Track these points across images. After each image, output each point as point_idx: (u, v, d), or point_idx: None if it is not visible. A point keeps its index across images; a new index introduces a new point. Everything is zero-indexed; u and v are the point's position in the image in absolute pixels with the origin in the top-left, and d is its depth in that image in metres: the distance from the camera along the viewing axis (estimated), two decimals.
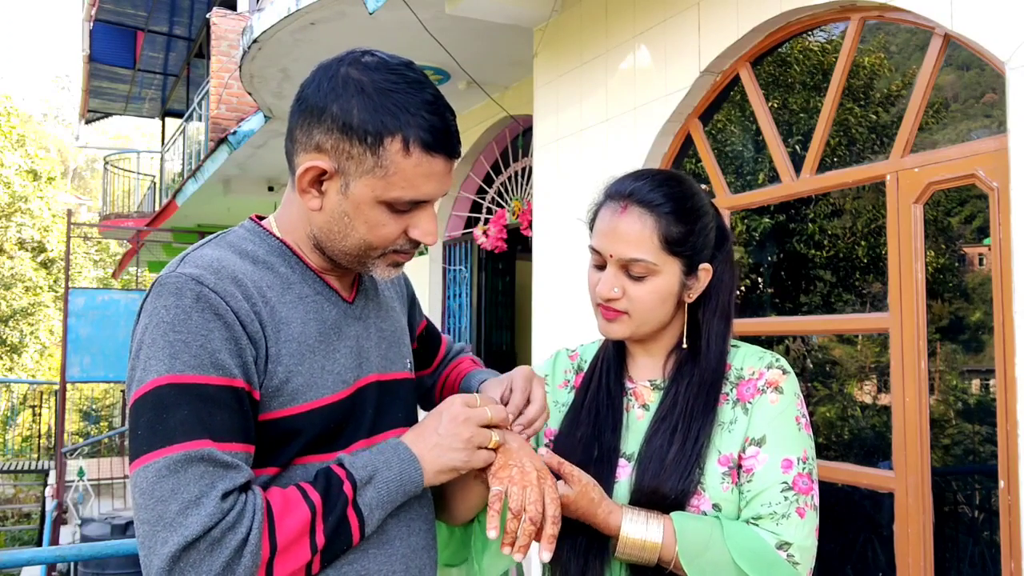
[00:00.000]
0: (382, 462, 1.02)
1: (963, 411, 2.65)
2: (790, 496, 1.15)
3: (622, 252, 1.20)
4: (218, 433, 0.93)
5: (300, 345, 1.03)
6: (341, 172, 1.01)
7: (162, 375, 0.93)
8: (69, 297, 8.59)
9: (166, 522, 0.88)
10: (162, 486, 0.89)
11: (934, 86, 2.47)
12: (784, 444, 1.18)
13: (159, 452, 0.90)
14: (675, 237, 1.20)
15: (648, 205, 1.20)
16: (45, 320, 19.03)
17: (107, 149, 24.23)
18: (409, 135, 0.99)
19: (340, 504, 0.97)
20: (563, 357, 1.43)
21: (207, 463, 0.91)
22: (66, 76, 47.97)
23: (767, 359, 1.26)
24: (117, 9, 11.49)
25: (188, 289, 0.96)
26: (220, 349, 0.94)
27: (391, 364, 1.18)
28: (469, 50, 4.64)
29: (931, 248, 2.52)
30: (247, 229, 1.11)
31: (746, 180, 3.29)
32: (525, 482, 1.06)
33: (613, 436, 1.26)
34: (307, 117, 1.02)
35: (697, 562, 1.12)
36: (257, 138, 7.26)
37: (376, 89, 1.00)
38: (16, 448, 12.83)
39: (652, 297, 1.22)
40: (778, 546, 1.13)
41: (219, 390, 0.94)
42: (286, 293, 1.05)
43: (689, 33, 3.23)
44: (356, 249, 1.06)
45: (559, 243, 3.96)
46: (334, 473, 1.00)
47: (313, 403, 1.03)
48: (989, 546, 2.52)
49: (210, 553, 0.88)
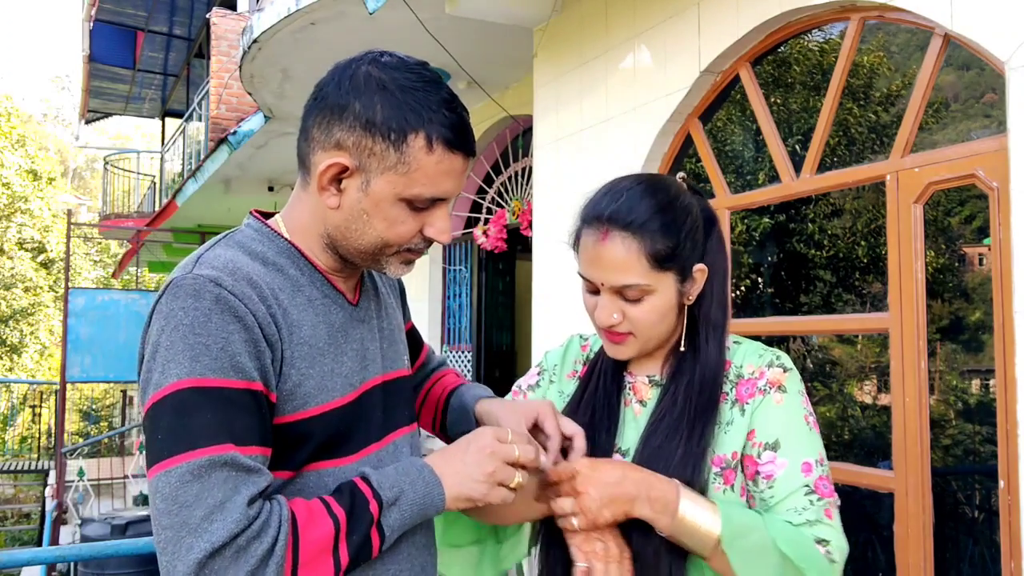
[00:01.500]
0: (408, 483, 1.01)
1: (963, 411, 2.65)
2: (815, 500, 1.14)
3: (612, 280, 1.17)
4: (240, 437, 0.92)
5: (311, 348, 1.03)
6: (362, 169, 1.01)
7: (183, 378, 0.92)
8: (69, 297, 8.58)
9: (191, 528, 0.87)
10: (186, 491, 0.88)
11: (934, 86, 2.47)
12: (801, 447, 1.16)
13: (182, 456, 0.89)
14: (664, 253, 1.16)
15: (629, 227, 1.15)
16: (45, 320, 19.04)
17: (107, 149, 24.24)
18: (432, 132, 1.00)
19: (365, 523, 0.97)
20: (575, 346, 1.41)
21: (231, 467, 0.90)
22: (66, 76, 48.00)
23: (767, 357, 1.23)
24: (117, 9, 11.49)
25: (207, 291, 0.95)
26: (240, 352, 0.94)
27: (392, 363, 1.19)
28: (469, 50, 4.65)
29: (931, 248, 2.52)
30: (254, 229, 1.10)
31: (746, 180, 3.29)
32: (609, 558, 1.10)
33: (607, 437, 1.25)
34: (326, 115, 1.02)
35: (739, 544, 1.09)
36: (257, 138, 7.26)
37: (398, 87, 1.00)
38: (16, 448, 12.84)
39: (652, 315, 1.19)
40: (817, 541, 1.13)
41: (240, 393, 0.93)
42: (296, 296, 1.05)
43: (689, 33, 3.23)
44: (372, 247, 1.06)
45: (559, 243, 3.96)
46: (359, 490, 0.99)
47: (323, 406, 1.03)
48: (989, 546, 2.52)
49: (235, 561, 0.88)
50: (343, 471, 1.06)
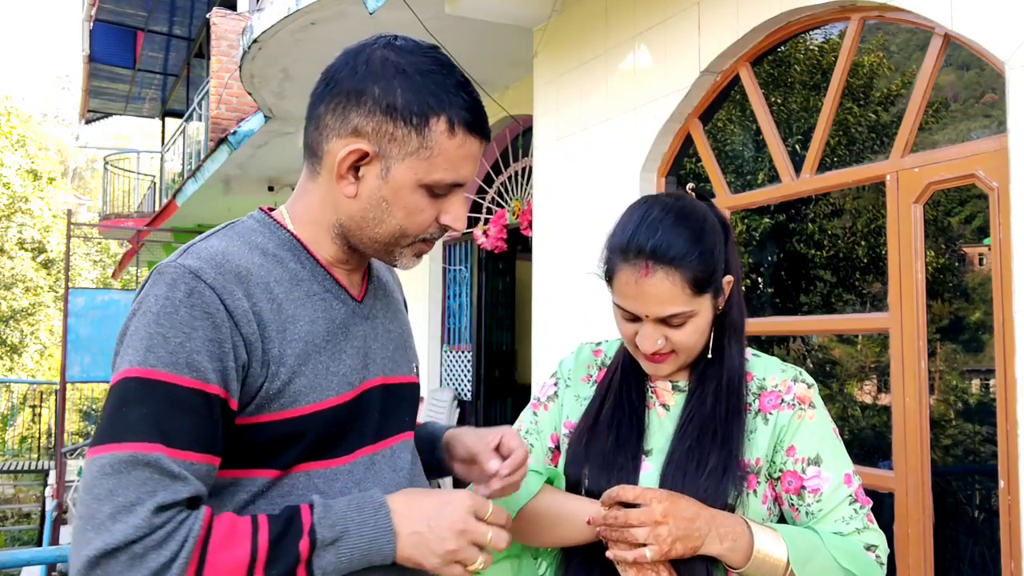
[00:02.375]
0: (355, 524, 0.93)
1: (963, 411, 2.65)
2: (858, 508, 1.21)
3: (657, 312, 1.18)
4: (174, 439, 0.87)
5: (306, 345, 0.99)
6: (382, 155, 0.99)
7: (134, 367, 0.89)
8: (69, 297, 8.59)
9: (95, 523, 0.84)
10: (102, 484, 0.85)
11: (934, 86, 2.47)
12: (839, 460, 1.22)
13: (109, 447, 0.86)
14: (703, 280, 1.18)
15: (672, 262, 1.15)
16: (45, 320, 19.03)
17: (107, 149, 24.21)
18: (453, 116, 0.98)
19: (289, 561, 0.89)
20: (587, 352, 1.42)
21: (152, 469, 0.85)
22: (66, 76, 47.92)
23: (790, 372, 1.27)
24: (117, 9, 11.49)
25: (183, 282, 0.92)
26: (200, 350, 0.90)
27: (398, 367, 1.14)
28: (469, 50, 4.64)
29: (931, 248, 2.52)
30: (257, 220, 1.07)
31: (746, 180, 3.29)
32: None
33: (635, 439, 1.26)
34: (341, 100, 0.99)
35: (807, 569, 1.14)
36: (257, 138, 7.26)
37: (417, 70, 0.98)
38: (16, 448, 12.84)
39: (695, 335, 1.22)
40: (866, 548, 1.19)
41: (189, 393, 0.89)
42: (294, 289, 1.01)
43: (689, 33, 3.23)
44: (389, 236, 1.03)
45: (559, 243, 3.96)
46: (298, 520, 0.91)
47: (316, 405, 0.98)
48: (989, 546, 2.52)
49: (129, 568, 0.83)
50: (334, 473, 1.01)
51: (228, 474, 0.97)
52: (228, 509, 0.96)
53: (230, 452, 0.96)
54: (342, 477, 1.02)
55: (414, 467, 1.14)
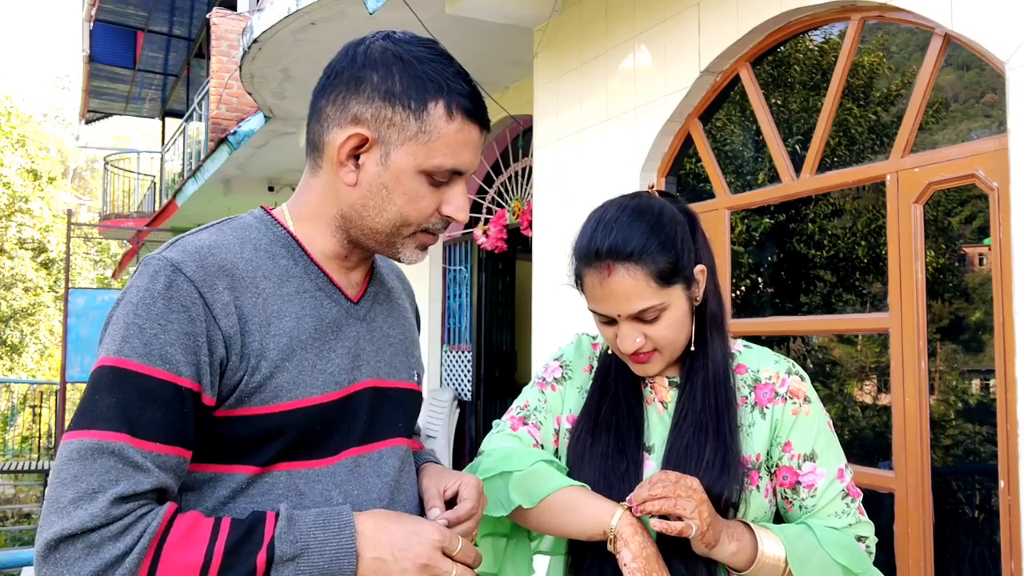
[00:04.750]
0: (318, 541, 0.92)
1: (963, 411, 2.65)
2: (850, 502, 1.23)
3: (627, 309, 1.19)
4: (140, 429, 0.88)
5: (291, 340, 0.99)
6: (381, 141, 1.00)
7: (110, 355, 0.91)
8: (69, 297, 8.58)
9: (58, 507, 0.85)
10: (69, 469, 0.86)
11: (934, 86, 2.47)
12: (833, 455, 1.24)
13: (79, 433, 0.88)
14: (668, 270, 1.19)
15: (630, 257, 1.17)
16: (45, 320, 19.03)
17: (107, 149, 24.23)
18: (451, 101, 1.00)
19: (244, 570, 0.88)
20: (586, 342, 1.44)
21: (115, 459, 0.86)
22: (66, 76, 47.98)
23: (783, 364, 1.27)
24: (117, 9, 11.50)
25: (163, 274, 0.93)
26: (173, 343, 0.91)
27: (395, 372, 1.13)
28: (469, 50, 4.65)
29: (931, 248, 2.52)
30: (255, 217, 1.08)
31: (746, 180, 3.29)
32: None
33: (635, 436, 1.26)
34: (341, 90, 1.01)
35: (806, 569, 1.15)
36: (257, 138, 7.26)
37: (414, 58, 1.00)
38: (16, 448, 12.83)
39: (673, 329, 1.22)
40: (857, 539, 1.23)
41: (160, 385, 0.90)
42: (283, 285, 1.01)
43: (689, 33, 3.23)
44: (390, 225, 1.03)
45: (559, 243, 3.96)
46: (260, 530, 0.91)
47: (298, 402, 0.98)
48: (989, 546, 2.52)
49: (85, 556, 0.84)
50: (316, 474, 1.01)
51: (207, 468, 0.97)
52: (208, 505, 0.96)
53: (210, 446, 0.96)
54: (324, 478, 1.01)
55: (402, 475, 1.11)
